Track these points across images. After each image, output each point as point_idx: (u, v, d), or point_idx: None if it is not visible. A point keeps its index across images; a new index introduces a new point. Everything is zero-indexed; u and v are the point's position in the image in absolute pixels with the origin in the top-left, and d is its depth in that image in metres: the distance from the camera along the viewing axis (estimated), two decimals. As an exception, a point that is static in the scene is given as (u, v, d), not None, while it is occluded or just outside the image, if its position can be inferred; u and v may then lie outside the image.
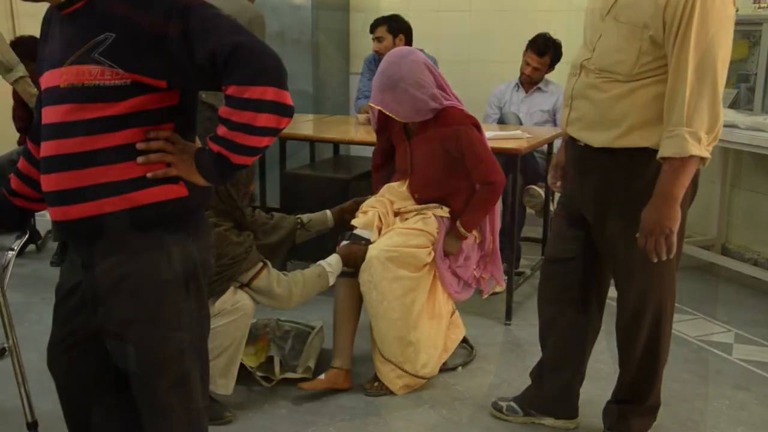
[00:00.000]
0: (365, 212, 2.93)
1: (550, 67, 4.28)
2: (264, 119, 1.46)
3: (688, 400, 2.80)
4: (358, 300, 2.85)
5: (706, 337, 3.40)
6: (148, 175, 1.52)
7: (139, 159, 1.52)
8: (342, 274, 2.81)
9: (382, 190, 3.03)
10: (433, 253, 2.84)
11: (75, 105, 1.49)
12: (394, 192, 3.00)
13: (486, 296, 3.17)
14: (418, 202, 2.97)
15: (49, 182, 1.55)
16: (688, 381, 2.95)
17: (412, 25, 4.41)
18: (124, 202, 1.51)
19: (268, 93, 1.44)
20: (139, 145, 1.52)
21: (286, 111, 1.47)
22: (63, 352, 1.67)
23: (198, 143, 1.63)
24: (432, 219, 2.89)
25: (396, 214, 2.96)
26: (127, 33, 1.48)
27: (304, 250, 3.12)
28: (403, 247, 2.77)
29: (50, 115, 1.54)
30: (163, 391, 1.60)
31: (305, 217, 3.00)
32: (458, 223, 2.88)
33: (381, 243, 2.79)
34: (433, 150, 2.90)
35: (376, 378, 2.87)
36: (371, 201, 3.00)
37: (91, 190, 1.51)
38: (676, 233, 2.07)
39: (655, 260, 2.09)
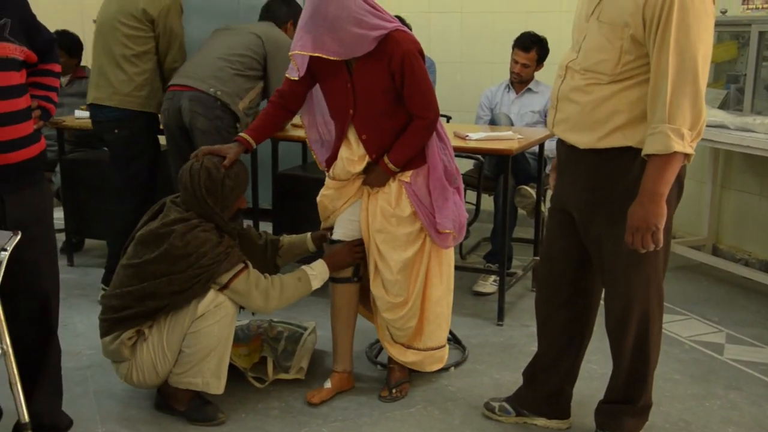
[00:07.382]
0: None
1: (539, 63, 4.27)
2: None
3: (680, 400, 2.81)
4: (356, 304, 2.85)
5: (697, 337, 3.41)
6: (35, 126, 2.20)
7: (35, 114, 2.21)
8: (337, 280, 2.80)
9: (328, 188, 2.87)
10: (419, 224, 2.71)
11: (4, 73, 2.07)
12: (344, 172, 2.76)
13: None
14: (375, 158, 2.70)
15: None
16: (680, 381, 2.96)
17: (404, 26, 4.38)
18: (26, 153, 2.16)
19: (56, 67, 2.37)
20: (33, 104, 2.21)
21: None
22: None
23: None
24: (402, 199, 2.70)
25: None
26: (13, 18, 2.08)
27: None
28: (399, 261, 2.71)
29: None
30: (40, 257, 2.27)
31: (285, 240, 2.94)
32: (386, 158, 2.66)
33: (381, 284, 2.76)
34: (379, 78, 2.60)
35: (388, 384, 2.85)
36: (338, 215, 2.85)
37: (7, 144, 2.10)
38: (663, 231, 2.08)
39: (643, 251, 2.10)
